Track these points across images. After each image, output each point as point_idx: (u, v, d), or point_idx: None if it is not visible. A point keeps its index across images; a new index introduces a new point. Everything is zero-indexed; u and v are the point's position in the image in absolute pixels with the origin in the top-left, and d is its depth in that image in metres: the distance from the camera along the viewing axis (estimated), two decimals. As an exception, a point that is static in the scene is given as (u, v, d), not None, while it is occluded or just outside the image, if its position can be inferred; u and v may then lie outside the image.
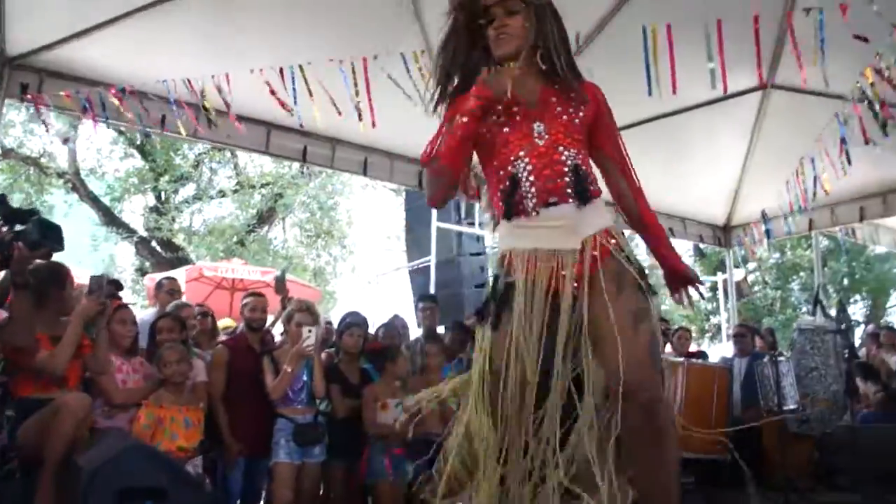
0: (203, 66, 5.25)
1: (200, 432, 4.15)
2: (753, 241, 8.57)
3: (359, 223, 18.69)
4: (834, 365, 5.65)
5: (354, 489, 4.80)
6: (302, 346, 4.39)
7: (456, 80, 2.48)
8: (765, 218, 8.13)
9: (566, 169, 2.32)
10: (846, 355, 6.31)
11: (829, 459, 6.22)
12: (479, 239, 8.96)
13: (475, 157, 2.50)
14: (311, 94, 5.20)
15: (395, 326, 5.88)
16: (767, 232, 8.25)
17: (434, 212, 8.37)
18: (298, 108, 5.31)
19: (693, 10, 4.89)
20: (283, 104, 5.22)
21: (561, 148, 2.33)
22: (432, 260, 8.56)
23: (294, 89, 5.21)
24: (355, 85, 5.15)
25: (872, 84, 4.91)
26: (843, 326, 7.09)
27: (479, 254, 8.82)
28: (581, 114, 2.41)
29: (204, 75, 5.23)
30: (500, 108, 2.38)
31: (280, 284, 5.68)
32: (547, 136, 2.35)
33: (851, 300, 21.75)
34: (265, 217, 16.22)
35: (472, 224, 8.86)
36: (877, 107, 5.03)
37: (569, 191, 2.31)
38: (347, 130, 6.04)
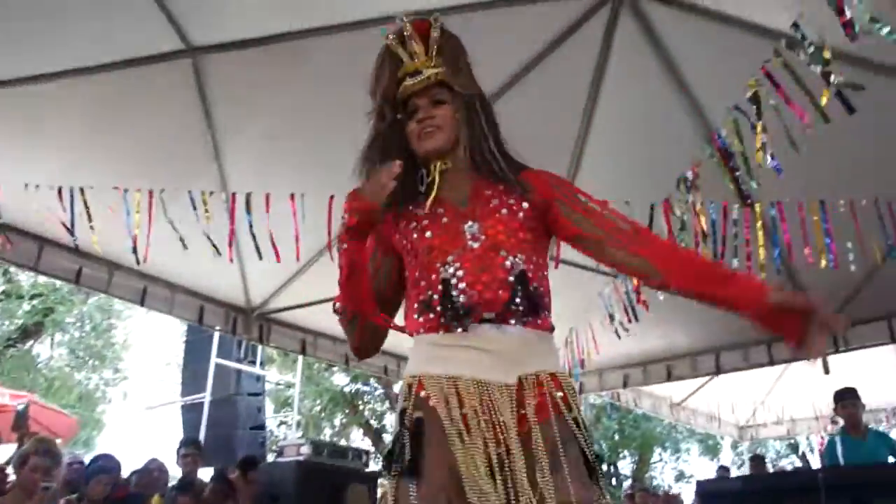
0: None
1: None
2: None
3: (136, 346, 17.65)
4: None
5: None
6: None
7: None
8: (539, 378, 8.55)
9: (511, 278, 1.82)
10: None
11: None
12: (258, 379, 8.72)
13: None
14: (90, 218, 4.94)
15: (149, 471, 5.43)
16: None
17: (214, 347, 8.08)
18: (76, 228, 5.01)
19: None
20: (63, 227, 4.91)
21: (503, 252, 1.84)
22: (207, 397, 8.16)
23: (72, 210, 4.93)
24: (136, 214, 4.95)
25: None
26: (612, 482, 7.48)
27: (257, 394, 8.56)
28: (525, 204, 1.92)
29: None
30: (417, 213, 1.92)
31: (19, 420, 5.11)
32: (483, 238, 1.85)
33: (621, 455, 23.09)
34: (31, 331, 14.83)
35: (252, 363, 8.65)
36: (632, 294, 5.58)
37: (513, 307, 1.81)
38: (128, 256, 5.74)
